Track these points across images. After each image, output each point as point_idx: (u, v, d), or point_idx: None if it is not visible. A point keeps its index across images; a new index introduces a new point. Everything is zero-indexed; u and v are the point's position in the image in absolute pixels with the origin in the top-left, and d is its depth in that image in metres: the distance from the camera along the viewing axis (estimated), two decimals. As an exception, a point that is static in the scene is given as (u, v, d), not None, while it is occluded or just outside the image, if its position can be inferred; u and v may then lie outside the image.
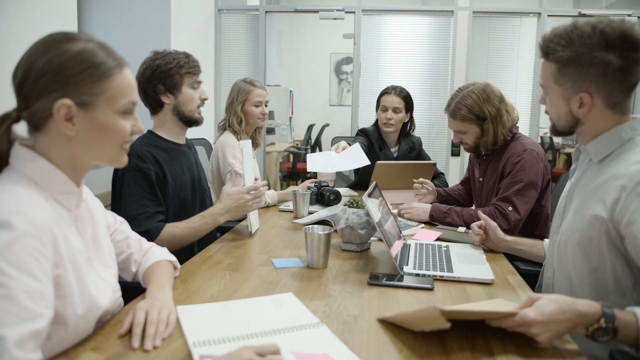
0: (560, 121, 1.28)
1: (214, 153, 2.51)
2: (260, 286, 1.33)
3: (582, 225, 1.22)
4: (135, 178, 1.68)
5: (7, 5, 2.32)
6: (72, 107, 0.93)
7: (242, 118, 2.51)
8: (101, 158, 1.01)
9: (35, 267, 0.83)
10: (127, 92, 0.99)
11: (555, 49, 1.20)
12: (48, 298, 0.85)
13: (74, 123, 0.94)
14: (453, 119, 2.07)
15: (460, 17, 4.43)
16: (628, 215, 1.11)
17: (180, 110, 1.82)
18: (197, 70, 1.83)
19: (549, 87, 1.26)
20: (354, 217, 1.65)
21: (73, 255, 0.95)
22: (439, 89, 4.58)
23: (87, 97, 0.94)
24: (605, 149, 1.23)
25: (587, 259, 1.22)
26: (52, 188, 0.96)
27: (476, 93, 2.02)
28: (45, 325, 0.83)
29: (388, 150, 2.88)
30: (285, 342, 0.99)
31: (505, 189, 1.97)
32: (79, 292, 0.95)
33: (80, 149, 0.97)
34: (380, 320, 1.13)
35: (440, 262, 1.54)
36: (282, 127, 6.31)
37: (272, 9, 4.91)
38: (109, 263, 1.12)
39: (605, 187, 1.18)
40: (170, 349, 0.97)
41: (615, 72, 1.15)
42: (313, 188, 2.41)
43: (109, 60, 0.97)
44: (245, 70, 4.70)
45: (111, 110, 0.97)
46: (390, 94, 2.79)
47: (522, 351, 1.00)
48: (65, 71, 0.92)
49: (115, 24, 3.72)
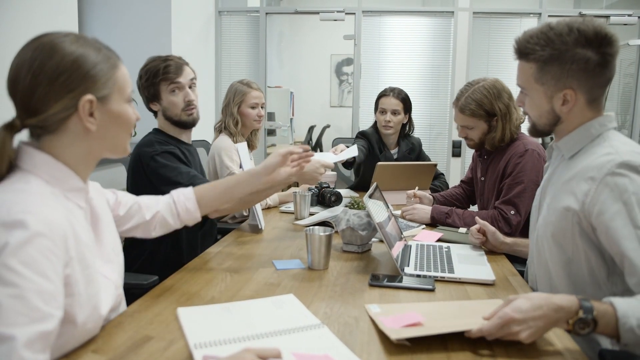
0: (541, 120, 1.30)
1: (210, 156, 2.51)
2: (261, 288, 1.33)
3: (555, 218, 1.25)
4: (166, 158, 1.78)
5: (8, 8, 2.33)
6: (94, 101, 0.95)
7: (238, 120, 2.52)
8: (116, 148, 1.05)
9: (48, 267, 0.83)
10: (129, 80, 1.05)
11: (534, 49, 1.23)
12: (59, 298, 0.85)
13: (95, 117, 0.97)
14: (462, 114, 2.05)
15: (461, 18, 4.43)
16: (598, 206, 1.13)
17: (168, 115, 1.88)
18: (171, 76, 1.82)
19: (530, 87, 1.28)
20: (354, 218, 1.65)
21: (81, 253, 0.95)
22: (439, 90, 4.58)
23: (105, 90, 0.98)
24: (576, 145, 1.27)
25: (562, 251, 1.25)
26: (62, 185, 0.96)
27: (487, 89, 2.00)
28: (55, 326, 0.83)
29: (388, 151, 2.88)
30: (287, 343, 0.99)
31: (507, 190, 1.97)
32: (86, 290, 0.95)
33: (97, 142, 1.00)
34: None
35: (441, 263, 1.54)
36: (283, 128, 6.31)
37: (272, 10, 4.91)
38: (110, 258, 1.12)
39: (576, 180, 1.21)
40: (171, 350, 0.97)
41: (595, 68, 1.19)
42: (314, 189, 2.41)
43: (109, 53, 1.01)
44: (246, 72, 4.70)
45: (122, 99, 1.02)
46: (388, 96, 2.79)
47: (523, 352, 1.00)
48: (81, 68, 0.94)
49: (115, 25, 3.72)
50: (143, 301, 1.21)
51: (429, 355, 0.99)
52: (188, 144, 1.95)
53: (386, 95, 2.80)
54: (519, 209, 1.93)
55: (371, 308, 1.22)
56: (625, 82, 4.55)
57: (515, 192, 1.94)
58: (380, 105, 2.81)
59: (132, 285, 1.49)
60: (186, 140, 1.94)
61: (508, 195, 1.95)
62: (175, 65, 1.83)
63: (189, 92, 1.87)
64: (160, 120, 1.91)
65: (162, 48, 3.61)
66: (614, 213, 1.11)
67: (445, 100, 4.56)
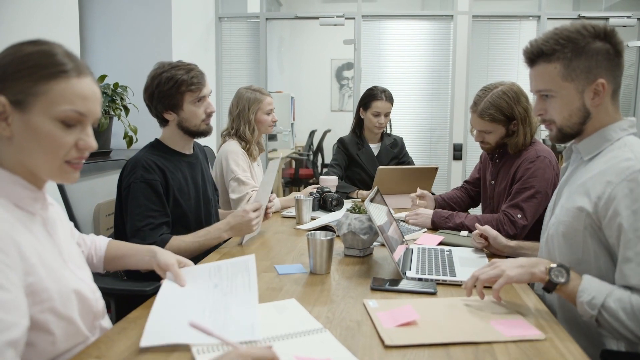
0: (571, 120, 1.28)
1: (217, 160, 2.52)
2: (263, 292, 1.33)
3: (567, 218, 1.26)
4: (142, 189, 1.69)
5: (8, 11, 2.34)
6: (6, 105, 0.89)
7: (254, 127, 2.54)
8: (39, 169, 0.95)
9: (1, 278, 0.82)
10: (72, 99, 0.92)
11: (555, 49, 1.24)
12: (21, 307, 0.84)
13: (8, 123, 0.90)
14: (481, 119, 2.03)
15: (460, 22, 4.44)
16: (612, 209, 1.15)
17: (185, 126, 1.82)
18: (198, 87, 1.78)
19: (558, 87, 1.26)
20: (356, 222, 1.65)
21: (46, 259, 0.94)
22: (439, 94, 4.59)
23: (22, 95, 0.89)
24: (596, 148, 1.28)
25: (572, 251, 1.26)
26: (11, 195, 0.93)
27: (506, 93, 2.00)
28: (21, 333, 0.82)
29: (367, 146, 3.00)
30: (289, 347, 1.00)
31: (516, 194, 1.96)
32: (60, 295, 0.94)
33: (19, 154, 0.93)
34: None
35: (443, 267, 1.54)
36: (284, 133, 6.32)
37: (272, 16, 4.93)
38: (81, 265, 1.11)
39: (592, 182, 1.22)
40: (174, 356, 0.97)
41: (614, 58, 1.23)
42: (315, 194, 2.41)
43: (66, 63, 0.93)
44: (247, 77, 4.72)
45: (48, 115, 0.91)
46: (382, 100, 2.88)
47: (525, 353, 1.00)
48: (7, 68, 0.90)
49: (116, 31, 3.74)
50: (146, 307, 1.21)
51: (430, 358, 0.99)
52: (188, 154, 1.90)
53: (379, 99, 2.88)
54: (526, 213, 1.92)
55: (369, 303, 1.23)
56: (625, 83, 4.55)
57: (524, 197, 1.93)
58: (375, 109, 2.89)
59: (135, 292, 1.49)
60: (188, 151, 1.90)
61: (516, 199, 1.95)
62: (200, 76, 1.79)
63: (210, 103, 1.85)
64: (169, 130, 1.85)
65: (162, 54, 3.63)
66: (624, 218, 1.12)
67: (446, 104, 4.56)
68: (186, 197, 1.82)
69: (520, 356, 0.99)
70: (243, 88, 2.60)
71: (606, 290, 1.12)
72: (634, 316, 1.08)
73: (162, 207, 1.72)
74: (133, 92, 3.10)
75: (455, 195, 2.43)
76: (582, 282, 1.14)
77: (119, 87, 3.06)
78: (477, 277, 1.22)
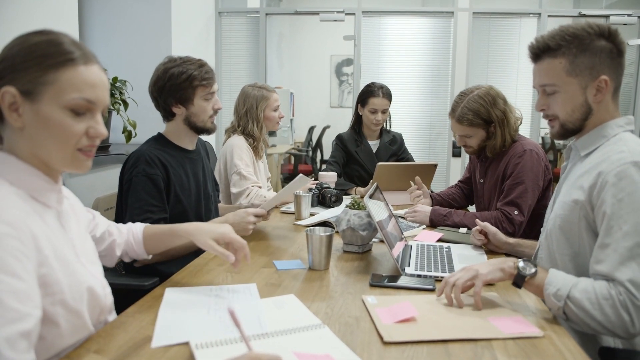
0: (574, 115, 1.29)
1: (222, 153, 2.54)
2: (262, 288, 1.34)
3: (564, 211, 1.29)
4: (143, 184, 1.69)
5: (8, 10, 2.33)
6: (17, 95, 0.90)
7: (262, 124, 2.56)
8: (51, 158, 0.95)
9: (18, 267, 0.82)
10: (81, 87, 0.93)
11: (560, 44, 1.25)
12: (34, 298, 0.84)
13: (20, 114, 0.91)
14: (459, 124, 2.06)
15: (460, 18, 4.43)
16: (601, 198, 1.18)
17: (192, 121, 1.81)
18: (209, 82, 1.79)
19: (562, 82, 1.28)
20: (355, 218, 1.65)
21: (59, 252, 0.94)
22: (439, 90, 4.59)
23: (31, 85, 0.90)
24: (592, 144, 1.30)
25: (569, 244, 1.28)
26: (27, 186, 0.94)
27: (482, 97, 2.02)
28: (34, 324, 0.82)
29: (366, 142, 2.98)
30: (288, 343, 1.00)
31: (508, 191, 1.98)
32: (70, 288, 0.94)
33: (32, 145, 0.93)
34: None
35: (441, 263, 1.55)
36: (284, 129, 6.32)
37: (272, 11, 4.91)
38: (94, 260, 1.11)
39: (586, 175, 1.24)
40: (172, 351, 0.97)
41: (616, 57, 1.25)
42: (314, 190, 2.41)
43: (74, 51, 0.93)
44: (246, 73, 4.71)
45: (57, 104, 0.91)
46: (379, 96, 2.85)
47: (524, 351, 1.00)
48: (16, 58, 0.90)
49: (115, 26, 3.73)
50: (144, 302, 1.22)
51: (430, 357, 0.99)
52: (191, 149, 1.90)
53: (376, 95, 2.85)
54: (522, 209, 1.94)
55: (368, 299, 1.24)
56: (625, 82, 4.55)
57: (517, 193, 1.95)
58: (371, 106, 2.87)
59: (134, 287, 1.50)
60: (191, 147, 1.90)
61: (510, 196, 1.96)
62: (211, 72, 1.81)
63: (218, 100, 1.86)
64: (174, 124, 1.84)
65: (162, 48, 3.62)
66: (609, 206, 1.15)
67: (445, 101, 4.56)
68: (187, 194, 1.82)
69: (519, 353, 0.99)
70: (248, 86, 2.60)
71: (572, 281, 1.15)
72: (598, 305, 1.10)
73: (162, 202, 1.72)
74: (132, 86, 3.09)
75: (451, 192, 2.44)
76: (549, 275, 1.18)
77: (118, 81, 3.06)
78: (452, 284, 1.23)
